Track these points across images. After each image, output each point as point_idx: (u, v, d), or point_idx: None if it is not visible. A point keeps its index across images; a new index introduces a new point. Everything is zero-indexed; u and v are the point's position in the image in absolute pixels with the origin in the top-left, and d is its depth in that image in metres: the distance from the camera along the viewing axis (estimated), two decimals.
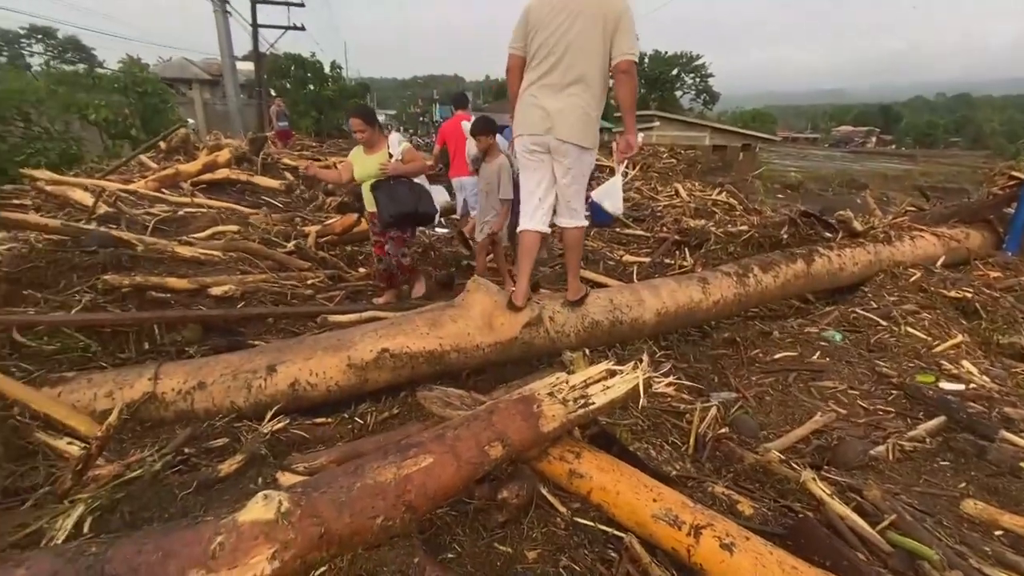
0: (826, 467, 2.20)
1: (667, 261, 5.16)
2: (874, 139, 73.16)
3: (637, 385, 1.86)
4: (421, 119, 43.30)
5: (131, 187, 5.55)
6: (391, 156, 3.47)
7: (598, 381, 1.92)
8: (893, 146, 69.09)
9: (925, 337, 3.32)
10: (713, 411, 2.56)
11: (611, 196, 3.22)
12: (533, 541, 1.67)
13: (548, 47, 2.54)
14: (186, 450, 2.00)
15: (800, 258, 3.86)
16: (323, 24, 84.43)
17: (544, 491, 1.80)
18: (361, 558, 1.37)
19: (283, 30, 18.75)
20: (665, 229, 6.59)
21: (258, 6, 17.83)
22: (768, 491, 2.00)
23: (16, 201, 4.99)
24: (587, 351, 2.83)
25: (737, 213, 7.69)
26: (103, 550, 1.20)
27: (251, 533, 1.24)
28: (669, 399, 2.78)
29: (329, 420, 2.36)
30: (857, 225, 4.54)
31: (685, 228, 5.97)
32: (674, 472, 2.04)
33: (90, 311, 2.55)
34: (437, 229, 6.77)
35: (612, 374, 1.94)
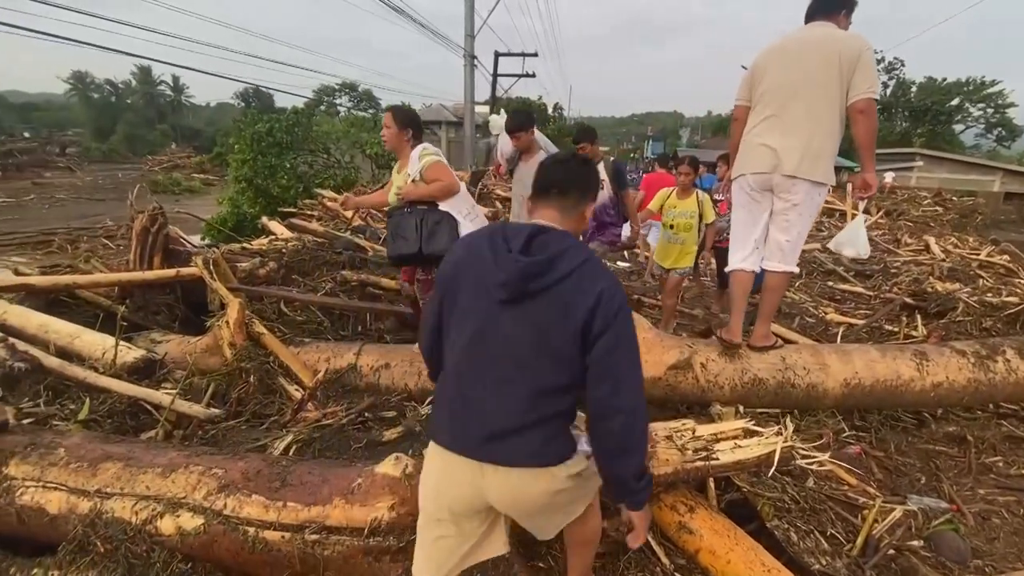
0: None
1: (888, 327, 4.27)
2: None
3: (773, 452, 1.68)
4: (632, 156, 43.91)
5: None
6: (409, 176, 2.67)
7: (731, 438, 1.78)
8: None
9: None
10: (899, 513, 2.10)
11: (854, 241, 2.83)
12: None
13: (774, 90, 2.50)
14: (366, 414, 2.51)
15: None
16: (552, 70, 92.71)
17: (648, 536, 1.74)
18: None
19: (517, 78, 21.37)
20: (896, 289, 5.46)
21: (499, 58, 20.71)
22: None
23: (309, 212, 6.82)
24: (741, 408, 2.60)
25: (1016, 281, 5.89)
26: (290, 464, 1.64)
27: (381, 483, 1.54)
28: (846, 487, 2.37)
29: None
30: None
31: (924, 291, 4.86)
32: (817, 566, 1.75)
33: (328, 296, 3.39)
34: (619, 263, 6.84)
35: (749, 434, 1.79)
